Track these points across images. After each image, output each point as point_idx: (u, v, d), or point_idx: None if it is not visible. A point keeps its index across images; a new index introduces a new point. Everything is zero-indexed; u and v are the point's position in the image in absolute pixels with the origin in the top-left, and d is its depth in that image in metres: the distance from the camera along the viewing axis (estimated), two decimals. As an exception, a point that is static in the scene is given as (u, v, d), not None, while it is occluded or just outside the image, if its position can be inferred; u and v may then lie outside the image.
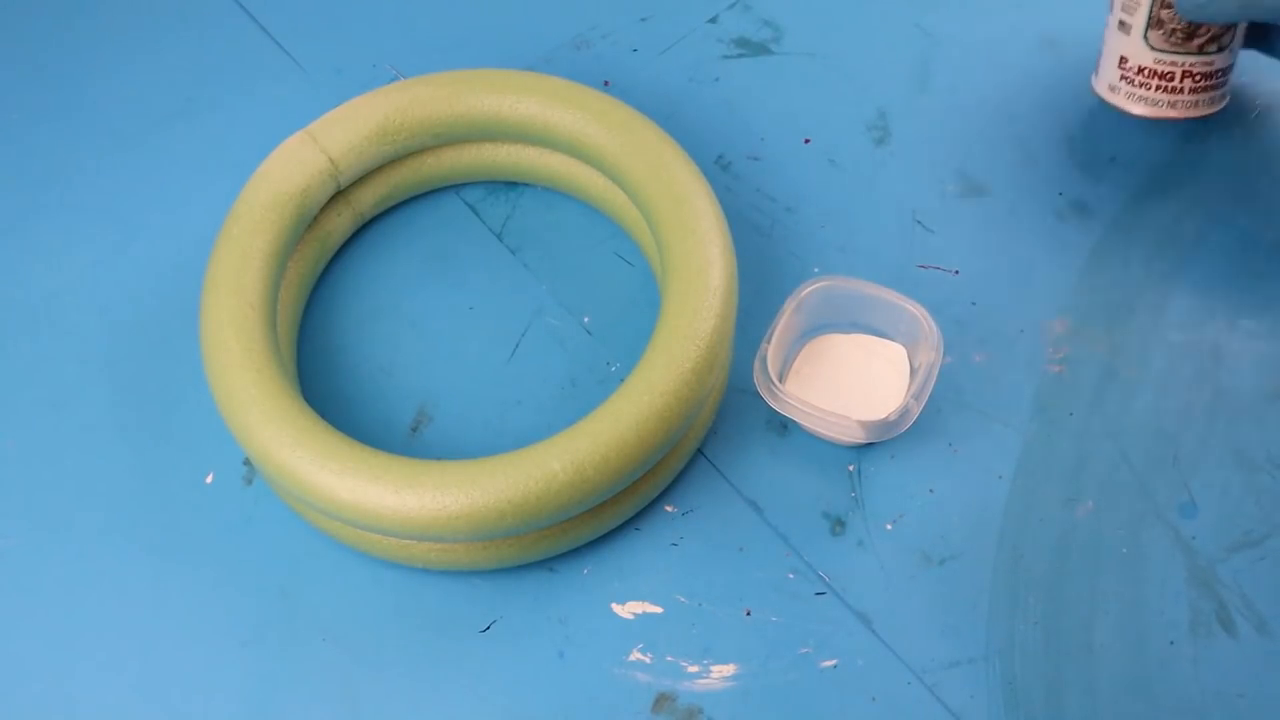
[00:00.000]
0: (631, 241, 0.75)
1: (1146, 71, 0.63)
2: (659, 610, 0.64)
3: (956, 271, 0.74)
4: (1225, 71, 0.64)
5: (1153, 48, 0.62)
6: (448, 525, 0.59)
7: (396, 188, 0.75)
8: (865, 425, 0.64)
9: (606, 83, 0.81)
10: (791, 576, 0.65)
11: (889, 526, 0.66)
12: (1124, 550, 0.65)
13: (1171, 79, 0.62)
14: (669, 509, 0.67)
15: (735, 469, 0.68)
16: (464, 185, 0.78)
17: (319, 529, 0.66)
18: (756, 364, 0.65)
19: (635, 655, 0.63)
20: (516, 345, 0.72)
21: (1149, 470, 0.67)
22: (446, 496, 0.59)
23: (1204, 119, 0.66)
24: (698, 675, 0.62)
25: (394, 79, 0.81)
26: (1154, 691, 0.62)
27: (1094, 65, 0.73)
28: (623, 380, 0.63)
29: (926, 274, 0.73)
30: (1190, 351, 0.71)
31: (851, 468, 0.68)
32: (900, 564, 0.65)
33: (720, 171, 0.78)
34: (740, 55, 0.83)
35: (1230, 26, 0.58)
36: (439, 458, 0.62)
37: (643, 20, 0.85)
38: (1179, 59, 0.62)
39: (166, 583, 0.65)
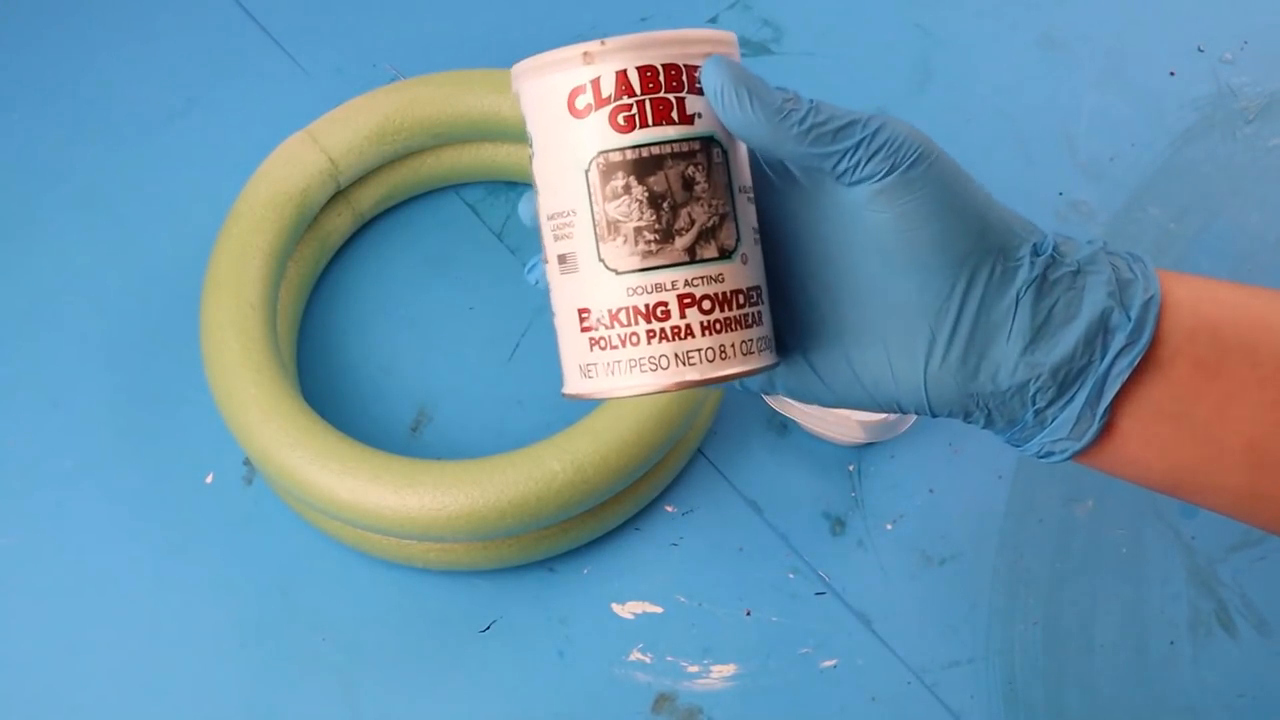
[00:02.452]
0: (631, 241, 0.75)
1: (625, 313, 0.37)
2: (659, 610, 0.64)
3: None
4: (754, 297, 0.38)
5: (617, 268, 0.37)
6: (448, 525, 0.59)
7: (396, 188, 0.75)
8: (865, 425, 0.64)
9: (606, 83, 0.81)
10: (791, 576, 0.65)
11: (889, 526, 0.66)
12: (1124, 550, 0.65)
13: (667, 315, 0.37)
14: (669, 509, 0.67)
15: (735, 469, 0.68)
16: (464, 185, 0.78)
17: (319, 529, 0.66)
18: None
19: (635, 655, 0.63)
20: (516, 345, 0.72)
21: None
22: (446, 496, 0.59)
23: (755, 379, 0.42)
24: (698, 675, 0.62)
25: (394, 79, 0.81)
26: (1154, 691, 0.62)
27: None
28: (623, 380, 0.63)
29: (926, 274, 0.73)
30: (1190, 351, 0.71)
31: (851, 468, 0.68)
32: (900, 564, 0.65)
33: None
34: (740, 55, 0.83)
35: (728, 211, 0.38)
36: (439, 458, 0.62)
37: (643, 20, 0.85)
38: (667, 276, 0.37)
39: (166, 583, 0.65)
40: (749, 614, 0.64)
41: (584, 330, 0.38)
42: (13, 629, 0.64)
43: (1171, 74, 0.81)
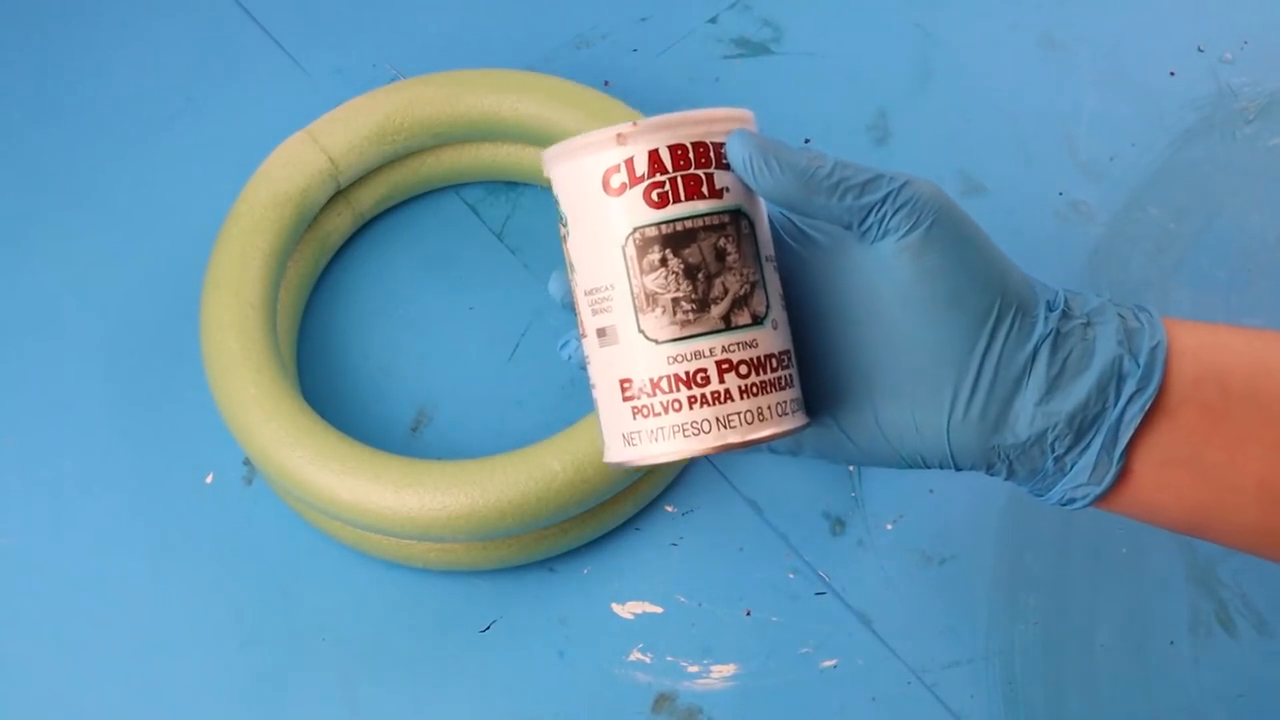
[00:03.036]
0: (631, 241, 0.75)
1: (666, 382, 0.38)
2: (659, 610, 0.64)
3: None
4: (784, 360, 0.40)
5: (656, 339, 0.38)
6: (448, 525, 0.59)
7: (396, 188, 0.75)
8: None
9: (606, 83, 0.81)
10: (791, 576, 0.65)
11: (889, 526, 0.66)
12: (1124, 550, 0.65)
13: (707, 382, 0.38)
14: (669, 509, 0.67)
15: (735, 469, 0.68)
16: (464, 185, 0.78)
17: (319, 529, 0.66)
18: None
19: (635, 655, 0.63)
20: (516, 345, 0.72)
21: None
22: (446, 496, 0.59)
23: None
24: (698, 675, 0.62)
25: (394, 79, 0.81)
26: (1154, 691, 0.62)
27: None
28: (623, 380, 0.63)
29: (926, 274, 0.73)
30: (1190, 351, 0.71)
31: (851, 468, 0.68)
32: (900, 564, 0.65)
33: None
34: (740, 55, 0.83)
35: (758, 279, 0.39)
36: (439, 458, 0.62)
37: (643, 20, 0.85)
38: (704, 344, 0.38)
39: (166, 583, 0.65)
40: (749, 614, 0.64)
41: (626, 399, 0.39)
42: (13, 629, 0.64)
43: (1171, 74, 0.81)
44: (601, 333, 0.40)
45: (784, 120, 0.80)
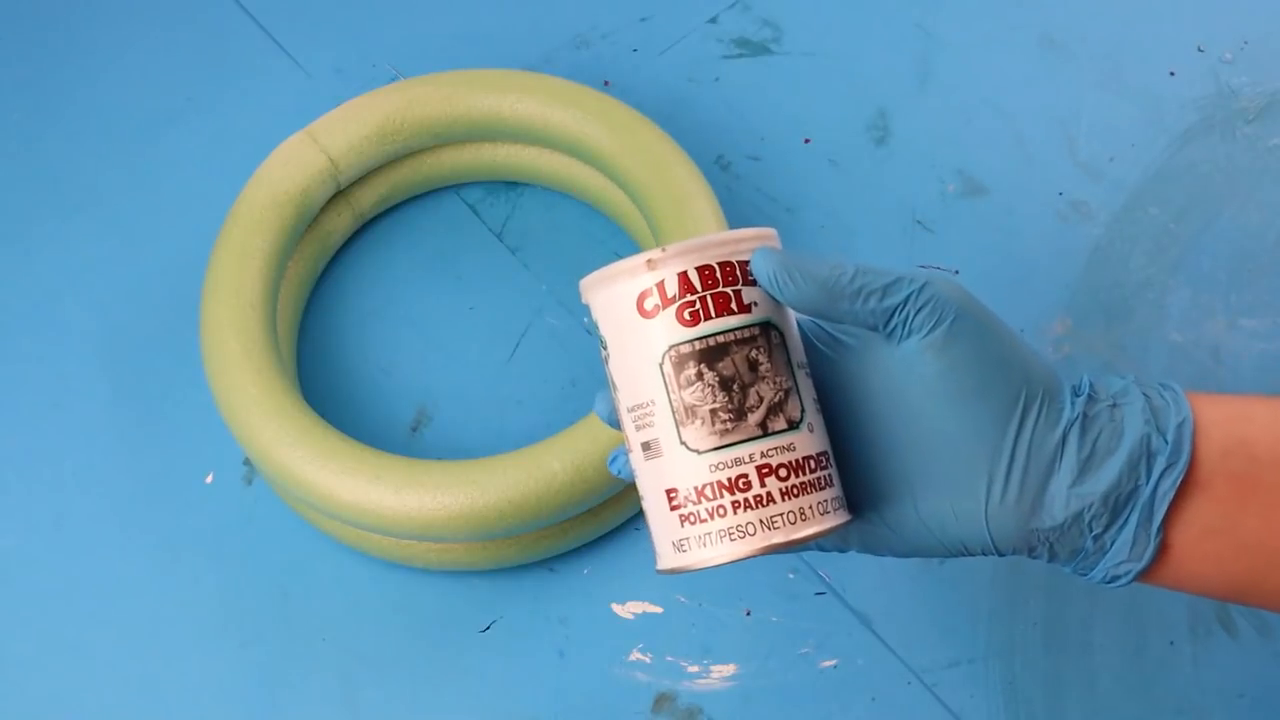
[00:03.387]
0: (631, 241, 0.75)
1: (710, 489, 0.40)
2: (659, 610, 0.64)
3: (956, 271, 0.74)
4: (823, 461, 0.41)
5: (698, 449, 0.40)
6: (448, 525, 0.59)
7: (396, 188, 0.75)
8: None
9: (606, 83, 0.81)
10: (791, 576, 0.65)
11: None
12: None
13: (749, 487, 0.40)
14: (669, 509, 0.67)
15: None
16: (464, 185, 0.78)
17: (319, 529, 0.66)
18: None
19: (635, 655, 0.63)
20: (516, 345, 0.72)
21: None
22: (446, 496, 0.59)
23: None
24: (698, 675, 0.62)
25: (394, 79, 0.81)
26: (1154, 691, 0.62)
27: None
28: (623, 380, 0.63)
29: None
30: (1190, 351, 0.71)
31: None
32: (900, 564, 0.65)
33: (720, 171, 0.78)
34: (740, 55, 0.83)
35: (791, 385, 0.41)
36: (439, 458, 0.62)
37: (643, 20, 0.85)
38: (744, 451, 0.40)
39: (166, 583, 0.65)
40: (749, 614, 0.64)
41: (673, 509, 0.41)
42: (13, 629, 0.64)
43: (1171, 74, 0.81)
44: (646, 446, 0.42)
45: (783, 120, 0.80)
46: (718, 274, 0.40)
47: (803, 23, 0.84)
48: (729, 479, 0.40)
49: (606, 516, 0.64)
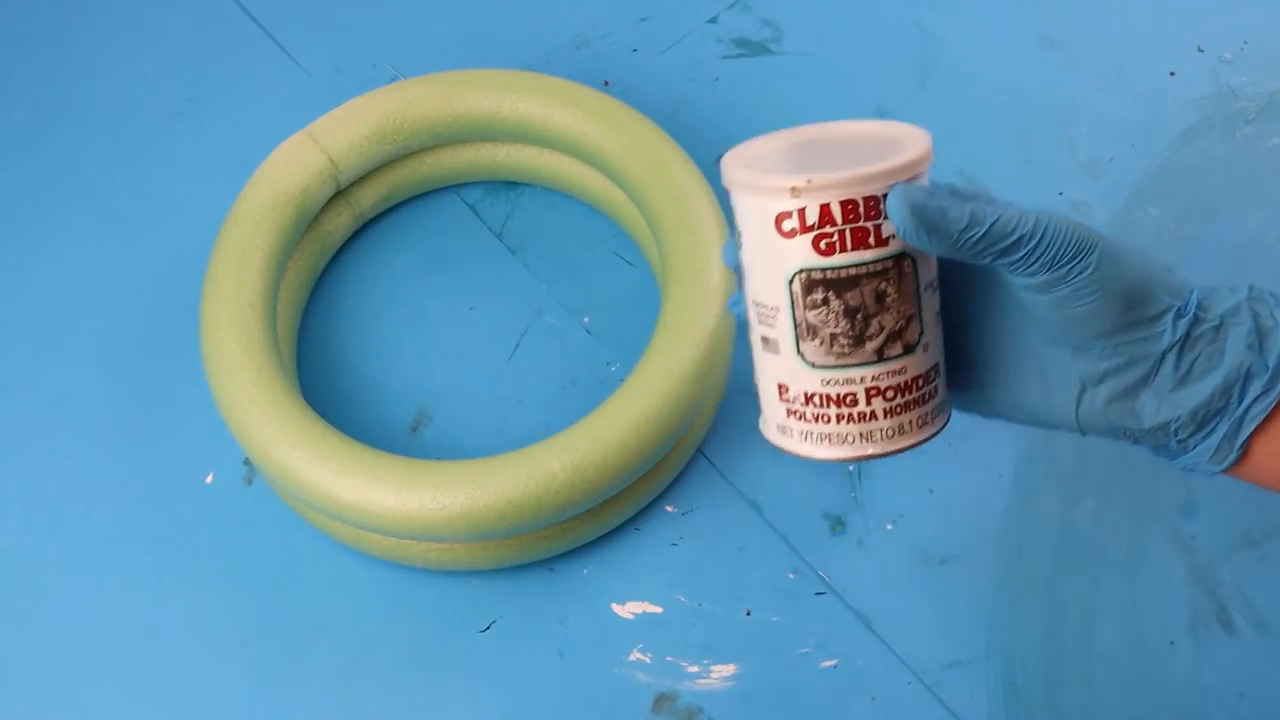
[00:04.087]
0: (631, 241, 0.75)
1: (817, 402, 0.41)
2: (659, 610, 0.64)
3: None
4: (931, 376, 0.42)
5: (814, 364, 0.41)
6: (447, 525, 0.59)
7: (396, 188, 0.75)
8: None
9: (606, 83, 0.81)
10: (791, 576, 0.65)
11: (889, 526, 0.66)
12: (1124, 550, 0.65)
13: (855, 404, 0.41)
14: (669, 509, 0.67)
15: (735, 469, 0.68)
16: (464, 185, 0.78)
17: (319, 529, 0.66)
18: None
19: (635, 655, 0.63)
20: (516, 345, 0.72)
21: (1149, 470, 0.67)
22: (446, 496, 0.59)
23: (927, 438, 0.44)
24: (698, 675, 0.62)
25: (394, 79, 0.81)
26: (1154, 691, 0.62)
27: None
28: (623, 380, 0.63)
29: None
30: (1190, 351, 0.71)
31: (851, 468, 0.68)
32: (900, 564, 0.65)
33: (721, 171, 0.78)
34: (740, 55, 0.83)
35: (914, 313, 0.41)
36: (439, 458, 0.62)
37: (643, 20, 0.85)
38: (855, 373, 0.41)
39: (167, 583, 0.65)
40: (749, 614, 0.64)
41: (782, 401, 0.42)
42: (13, 629, 0.64)
43: (1171, 74, 0.81)
44: (765, 340, 0.42)
45: (783, 120, 0.79)
46: (860, 209, 0.39)
47: (803, 23, 0.84)
48: (838, 395, 0.41)
49: (606, 516, 0.64)
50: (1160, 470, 0.67)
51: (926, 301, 0.42)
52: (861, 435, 0.42)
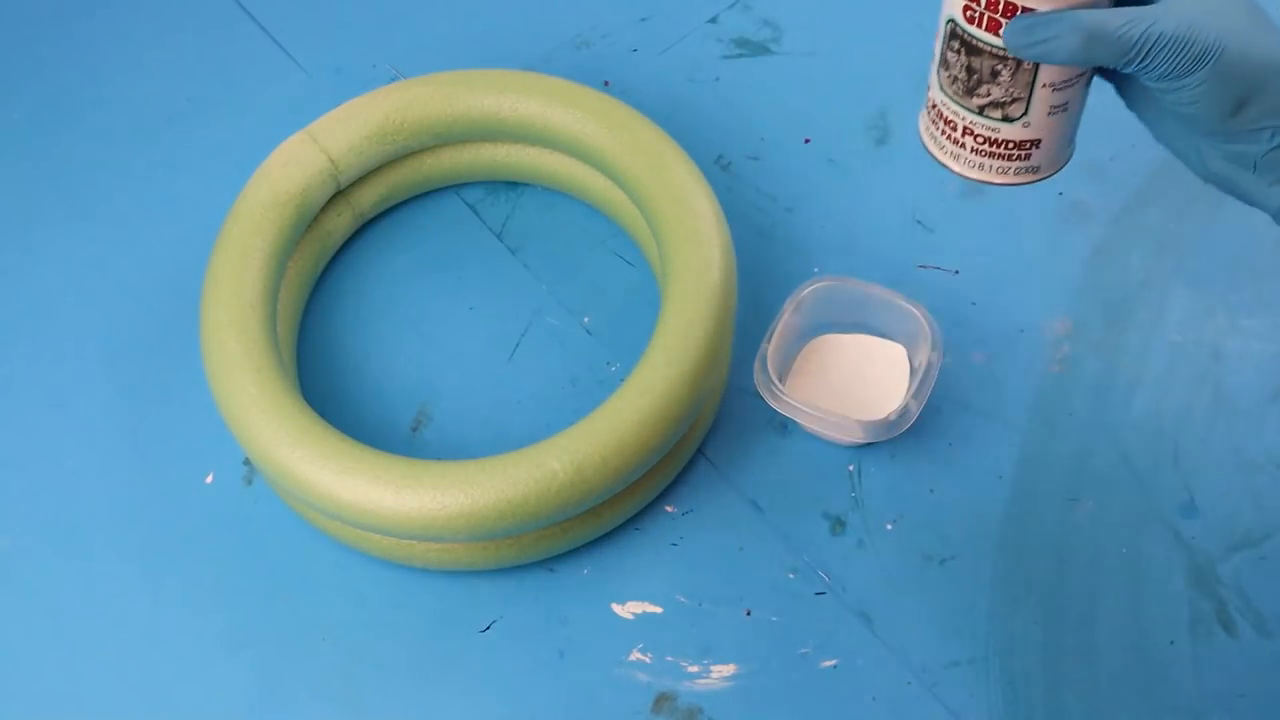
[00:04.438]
0: (631, 241, 0.75)
1: (936, 112, 0.51)
2: (659, 610, 0.64)
3: (956, 271, 0.74)
4: (1026, 146, 0.50)
5: (942, 88, 0.50)
6: (447, 525, 0.59)
7: (396, 188, 0.75)
8: (865, 425, 0.64)
9: (606, 83, 0.81)
10: (791, 576, 0.65)
11: (889, 526, 0.66)
12: (1124, 550, 0.65)
13: (954, 130, 0.50)
14: (669, 509, 0.67)
15: (735, 469, 0.68)
16: (464, 185, 0.78)
17: (319, 529, 0.66)
18: (757, 364, 0.65)
19: (635, 655, 0.63)
20: (516, 345, 0.72)
21: (1149, 470, 0.67)
22: (446, 496, 0.59)
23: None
24: (698, 675, 0.62)
25: (394, 79, 0.81)
26: (1154, 692, 0.62)
27: None
28: (623, 380, 0.63)
29: (926, 274, 0.73)
30: (1190, 351, 0.71)
31: (851, 468, 0.68)
32: (900, 564, 0.65)
33: (720, 171, 0.78)
34: (740, 55, 0.83)
35: (1023, 98, 0.48)
36: (439, 458, 0.62)
37: (643, 20, 0.85)
38: (960, 111, 0.50)
39: (166, 583, 0.65)
40: (749, 614, 0.64)
41: (928, 102, 0.52)
42: (13, 629, 0.64)
43: (1171, 74, 0.81)
44: (935, 52, 0.50)
45: (783, 120, 0.80)
46: (1000, 5, 0.45)
47: (803, 23, 0.84)
48: (945, 117, 0.50)
49: (606, 516, 0.64)
50: (1160, 470, 0.67)
51: (1039, 94, 0.48)
52: (953, 155, 0.51)
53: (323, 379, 0.71)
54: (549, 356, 0.71)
